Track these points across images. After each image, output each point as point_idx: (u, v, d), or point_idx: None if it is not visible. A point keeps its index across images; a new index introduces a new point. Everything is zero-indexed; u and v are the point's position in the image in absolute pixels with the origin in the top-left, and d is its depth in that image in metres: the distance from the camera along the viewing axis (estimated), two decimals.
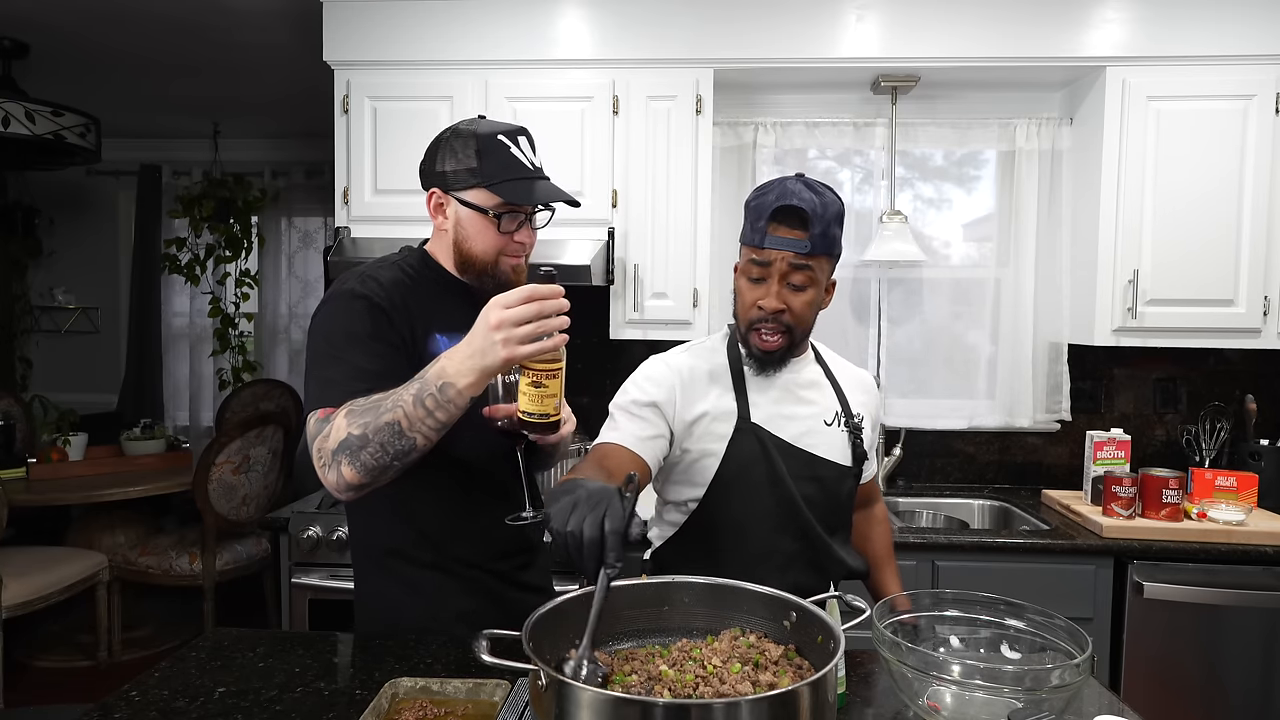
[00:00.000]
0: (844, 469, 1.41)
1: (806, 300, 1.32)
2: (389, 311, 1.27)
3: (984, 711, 0.96)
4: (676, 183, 2.56)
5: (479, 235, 1.33)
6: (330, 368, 1.22)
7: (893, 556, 1.64)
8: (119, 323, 4.76)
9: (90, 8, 2.81)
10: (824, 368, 1.48)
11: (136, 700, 1.13)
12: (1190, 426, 2.74)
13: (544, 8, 2.56)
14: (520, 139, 1.34)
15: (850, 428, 1.43)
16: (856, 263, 2.89)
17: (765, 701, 0.80)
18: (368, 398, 1.15)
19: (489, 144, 1.30)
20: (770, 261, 1.30)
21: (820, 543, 1.37)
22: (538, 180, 1.34)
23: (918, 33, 2.53)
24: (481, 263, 1.35)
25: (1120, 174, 2.49)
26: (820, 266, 1.31)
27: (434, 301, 1.36)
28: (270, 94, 3.78)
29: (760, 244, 1.30)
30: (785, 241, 1.28)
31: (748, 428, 1.36)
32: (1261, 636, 2.18)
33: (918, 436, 2.89)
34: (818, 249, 1.29)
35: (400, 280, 1.34)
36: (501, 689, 1.12)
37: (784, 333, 1.33)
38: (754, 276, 1.32)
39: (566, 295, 1.10)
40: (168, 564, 3.22)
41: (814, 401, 1.42)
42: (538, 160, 1.36)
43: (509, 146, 1.31)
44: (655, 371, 1.40)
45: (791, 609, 1.05)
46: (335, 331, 1.25)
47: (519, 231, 1.34)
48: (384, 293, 1.28)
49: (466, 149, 1.31)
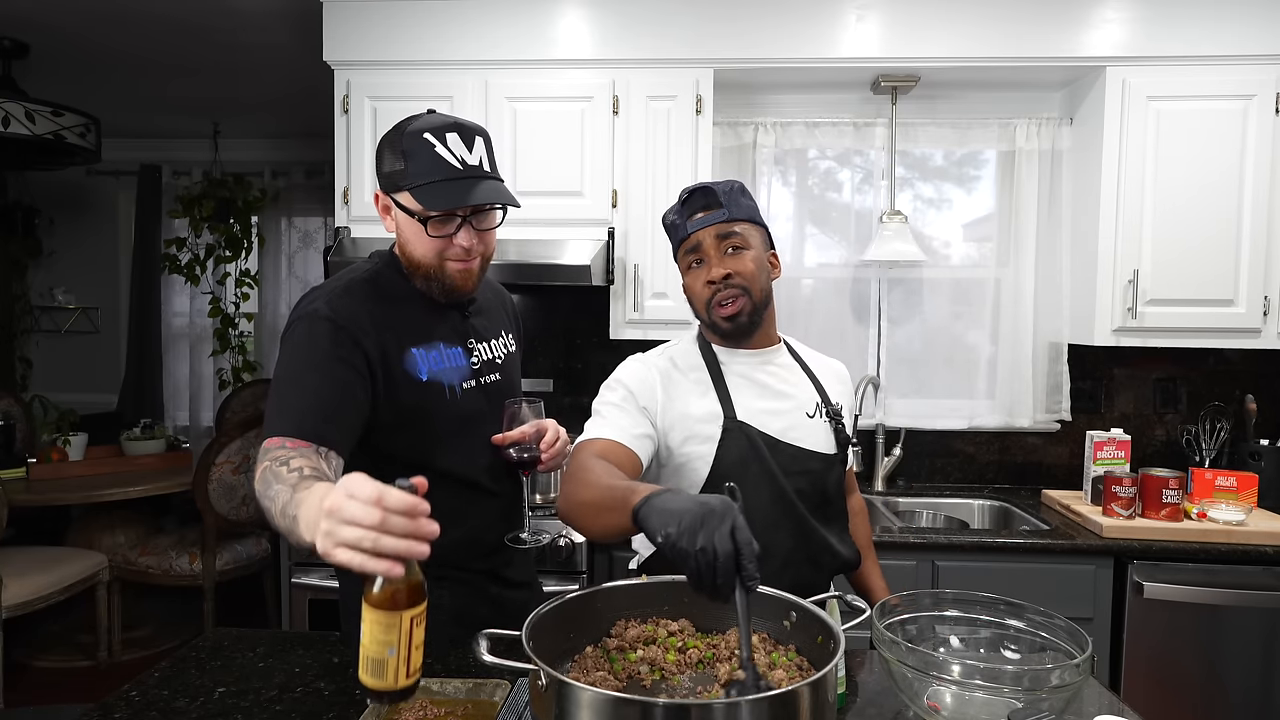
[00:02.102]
0: (830, 458, 1.42)
1: (749, 259, 1.36)
2: (354, 333, 1.23)
3: (984, 711, 0.96)
4: (676, 183, 2.56)
5: (415, 239, 1.29)
6: (286, 394, 1.20)
7: (872, 547, 1.65)
8: (119, 323, 4.76)
9: (90, 8, 2.81)
10: (799, 360, 1.49)
11: (136, 700, 1.13)
12: (1190, 426, 2.74)
13: (544, 8, 2.56)
14: (449, 136, 1.24)
15: (831, 415, 1.45)
16: (856, 263, 2.89)
17: (765, 701, 0.80)
18: (286, 466, 1.09)
19: (413, 144, 1.24)
20: (700, 243, 1.36)
21: (816, 536, 1.38)
22: (463, 180, 1.24)
23: (918, 33, 2.53)
24: (424, 267, 1.31)
25: (1120, 174, 2.49)
26: (748, 232, 1.38)
27: (406, 310, 1.33)
28: (270, 94, 3.78)
29: (686, 234, 1.38)
30: (704, 220, 1.36)
31: (735, 426, 1.35)
32: (1261, 636, 2.18)
33: (918, 436, 2.89)
34: (736, 215, 1.36)
35: (371, 294, 1.30)
36: (501, 689, 1.12)
37: (741, 295, 1.35)
38: (693, 263, 1.39)
39: (567, 294, 1.09)
40: (168, 564, 3.22)
41: (793, 395, 1.42)
42: (474, 157, 1.26)
43: (433, 145, 1.23)
44: (635, 371, 1.39)
45: (791, 609, 1.06)
46: (296, 357, 1.23)
47: (459, 234, 1.27)
48: (350, 312, 1.25)
49: (395, 149, 1.26)
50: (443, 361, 1.34)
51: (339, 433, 1.18)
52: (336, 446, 1.17)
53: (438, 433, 1.33)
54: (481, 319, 1.47)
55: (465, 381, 1.37)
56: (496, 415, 1.38)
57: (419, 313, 1.35)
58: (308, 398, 1.18)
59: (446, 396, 1.33)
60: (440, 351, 1.35)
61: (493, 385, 1.42)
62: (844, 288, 2.94)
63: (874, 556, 1.64)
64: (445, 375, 1.34)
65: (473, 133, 1.27)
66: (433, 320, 1.36)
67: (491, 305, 1.52)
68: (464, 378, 1.37)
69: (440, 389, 1.33)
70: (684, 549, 0.86)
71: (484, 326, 1.46)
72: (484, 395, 1.40)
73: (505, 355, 1.49)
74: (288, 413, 1.17)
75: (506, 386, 1.46)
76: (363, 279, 1.33)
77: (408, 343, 1.30)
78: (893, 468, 2.83)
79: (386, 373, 1.26)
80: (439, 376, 1.33)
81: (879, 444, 2.84)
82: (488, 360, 1.43)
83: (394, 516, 0.80)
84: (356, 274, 1.35)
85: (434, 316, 1.37)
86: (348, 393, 1.21)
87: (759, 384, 1.40)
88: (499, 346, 1.48)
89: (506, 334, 1.53)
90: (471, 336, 1.42)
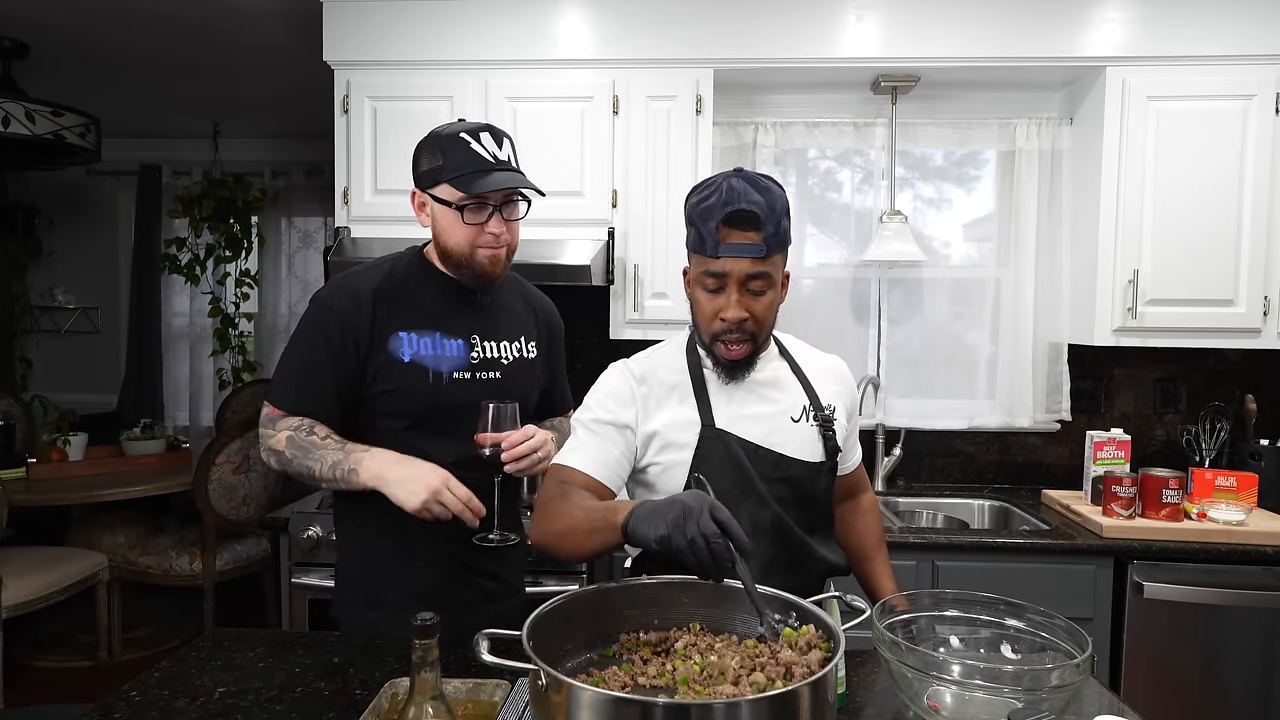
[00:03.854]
0: (815, 466, 1.36)
1: (767, 303, 1.29)
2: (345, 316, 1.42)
3: (984, 711, 0.96)
4: (676, 183, 2.56)
5: (451, 229, 1.43)
6: (291, 369, 1.46)
7: (883, 546, 1.59)
8: (119, 323, 4.76)
9: (91, 8, 2.81)
10: (789, 360, 1.43)
11: (136, 700, 1.13)
12: (1190, 426, 2.74)
13: (544, 8, 2.56)
14: (483, 135, 1.42)
15: (820, 420, 1.38)
16: (856, 263, 2.89)
17: (765, 701, 0.80)
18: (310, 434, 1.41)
19: (450, 142, 1.41)
20: (726, 271, 1.24)
21: (799, 543, 1.34)
22: (496, 171, 1.41)
23: (918, 33, 2.53)
24: (458, 254, 1.45)
25: (1120, 174, 2.49)
26: (776, 265, 1.28)
27: (414, 297, 1.48)
28: (270, 94, 3.79)
29: (715, 255, 1.24)
30: (740, 248, 1.23)
31: (713, 434, 1.31)
32: (1261, 636, 2.18)
33: (918, 436, 2.89)
34: (773, 249, 1.25)
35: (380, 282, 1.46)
36: (501, 689, 1.12)
37: (749, 340, 1.29)
38: (711, 288, 1.27)
39: (566, 294, 1.12)
40: (168, 564, 3.22)
41: (777, 399, 1.37)
42: (503, 154, 1.43)
43: (469, 143, 1.40)
44: (615, 385, 1.36)
45: (791, 609, 1.06)
46: (301, 335, 1.46)
47: (490, 222, 1.42)
48: (351, 301, 1.43)
49: (434, 149, 1.43)
50: (434, 348, 1.47)
51: (317, 405, 1.43)
52: (318, 417, 1.43)
53: (417, 413, 1.45)
54: (499, 318, 1.56)
55: (458, 372, 1.48)
56: None
57: (427, 302, 1.49)
58: (295, 373, 1.45)
59: (429, 380, 1.45)
60: (435, 339, 1.47)
61: (490, 382, 1.50)
62: (844, 288, 2.94)
63: (884, 556, 1.58)
64: (432, 361, 1.46)
65: (501, 134, 1.45)
66: (439, 311, 1.49)
67: (518, 309, 1.61)
68: (456, 368, 1.48)
69: (423, 372, 1.45)
70: (679, 546, 0.96)
71: (498, 326, 1.55)
72: (478, 389, 1.48)
73: (516, 359, 1.56)
74: (286, 387, 1.45)
75: (509, 387, 1.52)
76: (377, 267, 1.50)
77: (399, 326, 1.45)
78: (893, 468, 2.83)
79: (376, 352, 1.44)
80: (424, 361, 1.45)
81: (879, 444, 2.84)
82: (491, 358, 1.52)
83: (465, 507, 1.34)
84: (377, 263, 1.51)
85: (442, 308, 1.49)
86: (326, 372, 1.43)
87: (742, 389, 1.36)
88: (512, 349, 1.56)
89: (528, 340, 1.60)
90: (477, 333, 1.52)
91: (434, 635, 0.85)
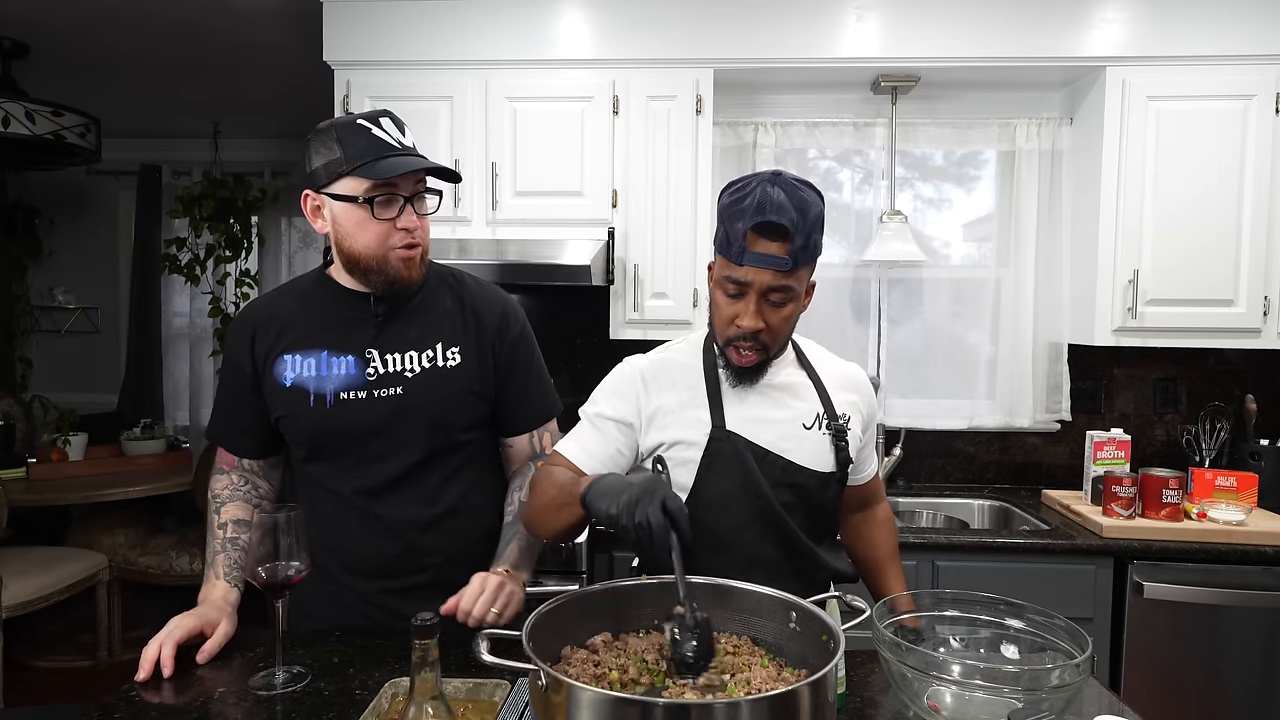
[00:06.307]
0: (824, 476, 1.33)
1: (785, 316, 1.26)
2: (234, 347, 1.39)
3: (984, 711, 0.96)
4: (676, 183, 2.56)
5: (358, 229, 1.27)
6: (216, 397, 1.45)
7: (896, 559, 1.55)
8: (119, 323, 4.76)
9: (91, 8, 2.81)
10: (806, 366, 1.40)
11: (136, 700, 1.13)
12: (1190, 426, 2.74)
13: (544, 8, 2.56)
14: (383, 120, 1.28)
15: (834, 430, 1.35)
16: (856, 263, 2.89)
17: (765, 701, 0.80)
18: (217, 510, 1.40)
19: (347, 131, 1.25)
20: (748, 280, 1.22)
21: (805, 550, 1.32)
22: (404, 156, 1.27)
23: (918, 33, 2.53)
24: (368, 259, 1.29)
25: (1120, 174, 2.49)
26: (801, 279, 1.25)
27: (301, 317, 1.38)
28: (270, 94, 3.78)
29: (739, 261, 1.21)
30: (765, 259, 1.20)
31: (723, 435, 1.30)
32: (1261, 636, 2.18)
33: (918, 436, 2.89)
34: (799, 263, 1.22)
35: (267, 305, 1.40)
36: (501, 689, 1.12)
37: (761, 349, 1.28)
38: (731, 293, 1.25)
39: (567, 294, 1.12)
40: (168, 564, 3.22)
41: (791, 405, 1.34)
42: (408, 141, 1.30)
43: (370, 129, 1.26)
44: (621, 381, 1.36)
45: (791, 609, 1.06)
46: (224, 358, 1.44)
47: (401, 217, 1.27)
48: (239, 327, 1.39)
49: (327, 142, 1.26)
50: (318, 369, 1.35)
51: (226, 437, 1.43)
52: (232, 449, 1.42)
53: (307, 440, 1.37)
54: (408, 327, 1.38)
55: (347, 391, 1.34)
56: (397, 430, 1.35)
57: (316, 320, 1.37)
58: (217, 401, 1.45)
59: (310, 404, 1.34)
60: (319, 359, 1.35)
61: (391, 399, 1.34)
62: (844, 288, 2.94)
63: (898, 570, 1.53)
64: (314, 383, 1.34)
65: (402, 121, 1.32)
66: (329, 327, 1.36)
67: (439, 313, 1.40)
68: (345, 387, 1.34)
69: (304, 395, 1.34)
70: (625, 525, 1.02)
71: (405, 336, 1.37)
72: (376, 409, 1.34)
73: (427, 369, 1.37)
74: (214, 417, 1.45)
75: (417, 401, 1.35)
76: (277, 289, 1.45)
77: (284, 348, 1.36)
78: (893, 468, 2.83)
79: (264, 378, 1.37)
80: (305, 384, 1.35)
81: (879, 444, 2.84)
82: (393, 372, 1.35)
83: (150, 662, 1.24)
84: (281, 285, 1.46)
85: (332, 324, 1.36)
86: (229, 402, 1.42)
87: (756, 392, 1.34)
88: (420, 359, 1.37)
89: (447, 346, 1.39)
90: (375, 347, 1.35)
91: (434, 635, 0.85)
